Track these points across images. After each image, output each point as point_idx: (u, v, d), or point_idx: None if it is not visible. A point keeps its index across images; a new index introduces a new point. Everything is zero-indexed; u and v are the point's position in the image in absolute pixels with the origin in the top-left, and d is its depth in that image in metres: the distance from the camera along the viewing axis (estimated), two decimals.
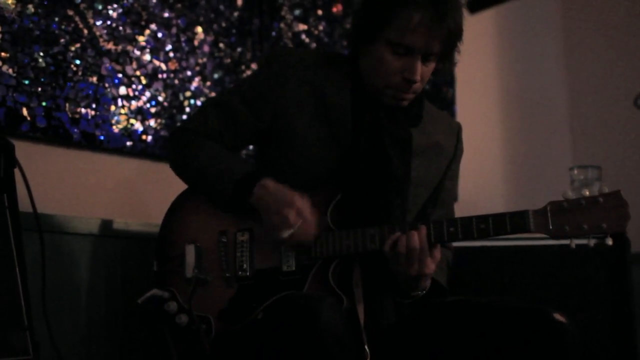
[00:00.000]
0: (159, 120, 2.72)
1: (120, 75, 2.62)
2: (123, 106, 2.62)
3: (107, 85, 2.58)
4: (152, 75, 2.72)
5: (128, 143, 2.63)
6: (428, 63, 2.03)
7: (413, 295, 2.04)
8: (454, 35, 2.00)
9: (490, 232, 1.90)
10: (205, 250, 2.03)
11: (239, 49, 3.02)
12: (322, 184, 2.04)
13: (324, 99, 2.09)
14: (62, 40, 2.46)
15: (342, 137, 2.07)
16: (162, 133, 2.72)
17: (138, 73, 2.68)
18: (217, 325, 1.96)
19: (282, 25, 3.20)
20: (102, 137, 2.56)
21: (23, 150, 1.99)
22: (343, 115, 2.09)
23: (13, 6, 2.35)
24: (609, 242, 1.83)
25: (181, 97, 2.81)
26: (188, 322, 1.96)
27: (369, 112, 2.08)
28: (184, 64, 2.83)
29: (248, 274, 2.00)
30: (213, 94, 2.89)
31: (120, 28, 2.63)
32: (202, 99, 2.85)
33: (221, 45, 2.96)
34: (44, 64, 2.41)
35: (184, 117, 2.79)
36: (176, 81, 2.80)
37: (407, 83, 2.02)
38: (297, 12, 3.27)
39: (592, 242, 1.86)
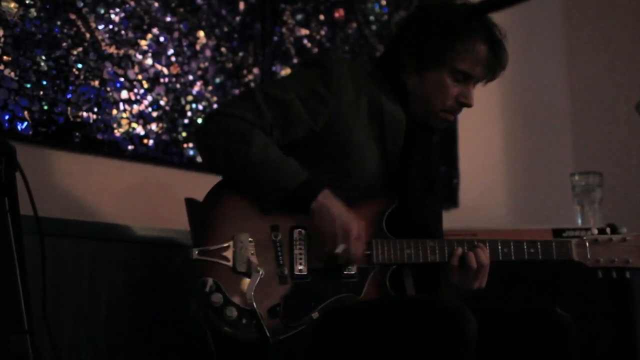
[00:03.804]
0: (160, 125, 2.72)
1: (122, 79, 2.62)
2: (125, 110, 2.62)
3: (109, 89, 2.58)
4: (154, 80, 2.72)
5: (130, 147, 2.63)
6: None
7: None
8: (503, 70, 2.21)
9: (539, 255, 2.11)
10: (258, 243, 1.98)
11: (240, 54, 3.02)
12: (376, 193, 2.11)
13: (381, 112, 2.15)
14: (64, 44, 2.46)
15: (394, 149, 2.15)
16: (164, 137, 2.72)
17: (140, 77, 2.68)
18: (268, 322, 1.91)
19: (284, 30, 3.20)
20: (103, 141, 2.56)
21: (24, 153, 1.98)
22: (399, 129, 2.17)
23: (15, 10, 2.35)
24: (627, 275, 2.15)
25: (183, 102, 2.81)
26: (238, 315, 1.90)
27: (419, 129, 2.21)
28: (185, 68, 2.83)
29: (306, 272, 2.00)
30: (215, 99, 2.89)
31: (123, 32, 2.63)
32: (203, 103, 2.85)
33: (223, 49, 2.96)
34: (46, 68, 2.41)
35: (186, 121, 2.79)
36: (178, 85, 2.80)
37: (460, 107, 2.20)
38: (299, 17, 3.27)
39: (614, 273, 2.16)
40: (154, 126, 2.70)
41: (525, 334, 1.99)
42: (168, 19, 2.78)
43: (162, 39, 2.76)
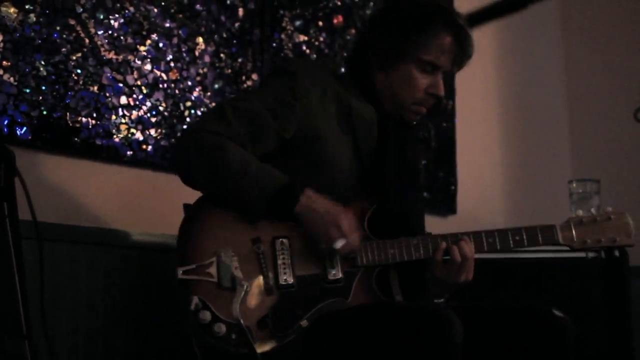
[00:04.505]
0: (159, 130, 2.73)
1: (121, 85, 2.63)
2: (124, 115, 2.63)
3: (107, 94, 2.59)
4: (153, 85, 2.73)
5: (128, 152, 2.64)
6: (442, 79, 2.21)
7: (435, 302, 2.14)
8: (469, 59, 2.21)
9: (524, 242, 2.09)
10: (241, 257, 1.98)
11: (239, 60, 3.02)
12: (354, 195, 2.11)
13: (350, 112, 2.16)
14: (63, 49, 2.47)
15: (367, 148, 2.17)
16: (163, 143, 2.73)
17: (139, 83, 2.68)
18: (258, 334, 1.92)
19: (282, 36, 3.21)
20: (102, 147, 2.56)
21: (23, 158, 1.99)
22: (370, 128, 2.17)
23: (15, 15, 2.36)
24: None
25: (182, 107, 2.81)
26: (227, 331, 1.90)
27: (392, 127, 2.21)
28: (184, 74, 2.83)
29: (291, 281, 1.99)
30: (213, 104, 2.90)
31: (122, 38, 2.64)
32: (202, 109, 2.86)
33: (222, 55, 2.97)
34: (45, 73, 2.42)
35: (185, 127, 2.80)
36: (177, 91, 2.80)
37: (431, 98, 2.19)
38: (297, 23, 3.28)
39: (602, 253, 2.14)
40: (152, 132, 2.71)
41: (521, 333, 1.99)
42: (167, 24, 2.79)
43: (161, 44, 2.77)
